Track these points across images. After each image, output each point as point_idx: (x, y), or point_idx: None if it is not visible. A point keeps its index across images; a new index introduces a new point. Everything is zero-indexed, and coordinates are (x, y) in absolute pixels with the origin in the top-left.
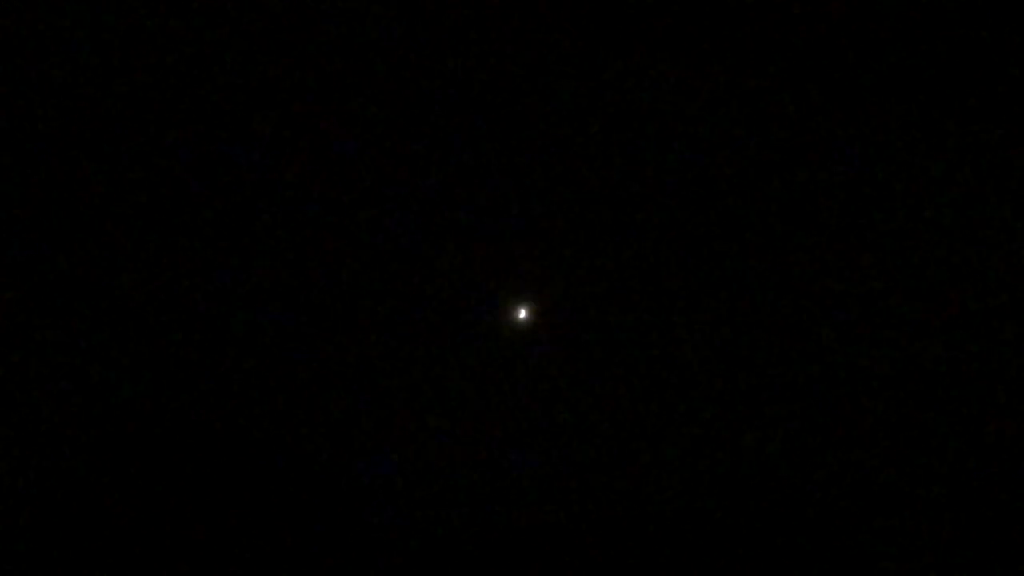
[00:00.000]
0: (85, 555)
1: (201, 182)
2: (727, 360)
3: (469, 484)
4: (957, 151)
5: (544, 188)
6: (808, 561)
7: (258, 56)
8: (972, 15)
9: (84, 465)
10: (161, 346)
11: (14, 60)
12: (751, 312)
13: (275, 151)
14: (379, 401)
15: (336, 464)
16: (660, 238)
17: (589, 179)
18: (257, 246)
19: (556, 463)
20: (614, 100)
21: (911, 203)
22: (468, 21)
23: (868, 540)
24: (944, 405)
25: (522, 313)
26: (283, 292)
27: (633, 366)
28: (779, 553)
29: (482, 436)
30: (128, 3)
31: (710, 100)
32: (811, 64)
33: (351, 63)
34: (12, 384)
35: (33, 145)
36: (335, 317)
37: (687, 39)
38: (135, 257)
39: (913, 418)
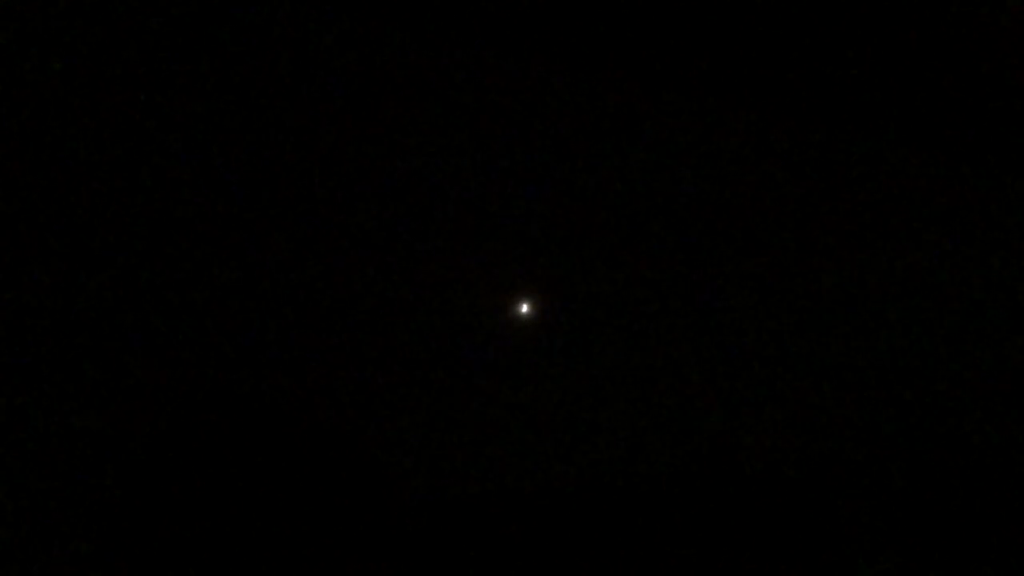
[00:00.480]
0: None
1: (203, 180)
2: (736, 357)
3: (470, 483)
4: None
5: (545, 180)
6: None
7: (258, 57)
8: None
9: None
10: (154, 352)
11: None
12: (760, 310)
13: (276, 149)
14: (379, 400)
15: (337, 463)
16: (666, 233)
17: (592, 172)
18: (257, 244)
19: (559, 463)
20: (617, 94)
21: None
22: (469, 22)
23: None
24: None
25: (524, 308)
26: (284, 289)
27: (640, 364)
28: (780, 555)
29: (484, 434)
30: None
31: (714, 93)
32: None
33: (351, 59)
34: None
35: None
36: (335, 314)
37: (688, 39)
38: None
39: (913, 420)
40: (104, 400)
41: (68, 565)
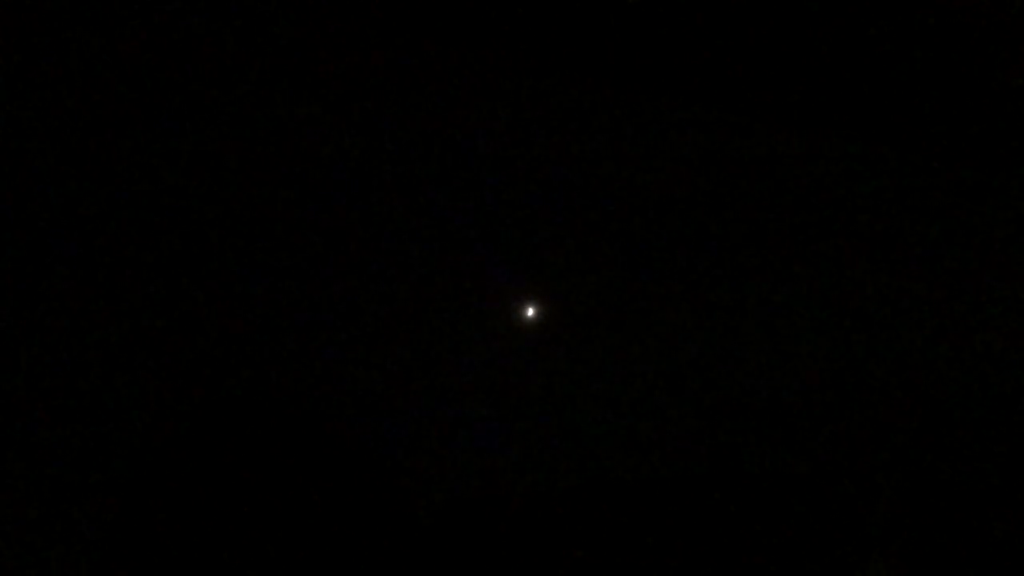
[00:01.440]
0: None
1: (208, 182)
2: (737, 359)
3: (472, 486)
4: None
5: (550, 185)
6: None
7: (259, 60)
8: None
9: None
10: (163, 354)
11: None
12: (761, 311)
13: (280, 152)
14: (382, 402)
15: (343, 465)
16: (668, 237)
17: (596, 177)
18: (264, 249)
19: (562, 466)
20: (623, 100)
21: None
22: (474, 25)
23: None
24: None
25: (530, 311)
26: (291, 293)
27: (645, 367)
28: (781, 555)
29: (488, 437)
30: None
31: (716, 98)
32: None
33: (355, 60)
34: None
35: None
36: (341, 319)
37: (691, 44)
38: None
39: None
40: (110, 401)
41: (69, 565)
